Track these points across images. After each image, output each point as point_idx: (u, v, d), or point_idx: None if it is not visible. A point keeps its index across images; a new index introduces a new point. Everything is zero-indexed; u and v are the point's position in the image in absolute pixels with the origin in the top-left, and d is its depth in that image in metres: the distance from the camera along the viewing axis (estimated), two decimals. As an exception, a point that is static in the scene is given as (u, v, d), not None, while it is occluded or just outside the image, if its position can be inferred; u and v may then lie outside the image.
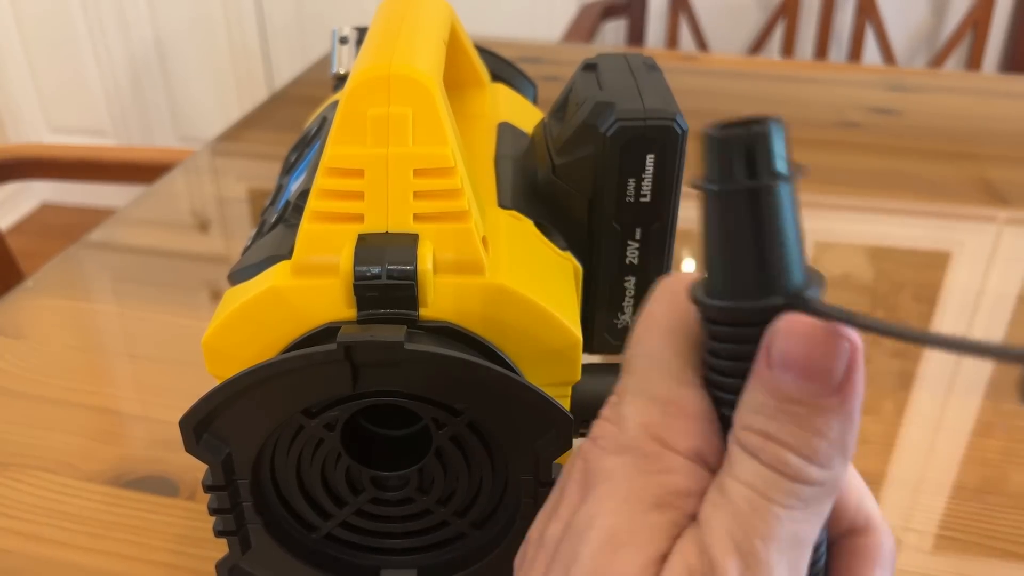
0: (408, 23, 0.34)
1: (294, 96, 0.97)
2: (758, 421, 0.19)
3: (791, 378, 0.18)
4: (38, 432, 0.49)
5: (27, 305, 0.60)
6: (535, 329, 0.29)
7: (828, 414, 0.18)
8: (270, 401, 0.28)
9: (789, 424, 0.18)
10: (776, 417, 0.18)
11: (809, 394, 0.18)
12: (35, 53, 2.06)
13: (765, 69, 1.04)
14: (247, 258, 0.32)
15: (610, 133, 0.32)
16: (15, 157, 0.91)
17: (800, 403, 0.18)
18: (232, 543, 0.32)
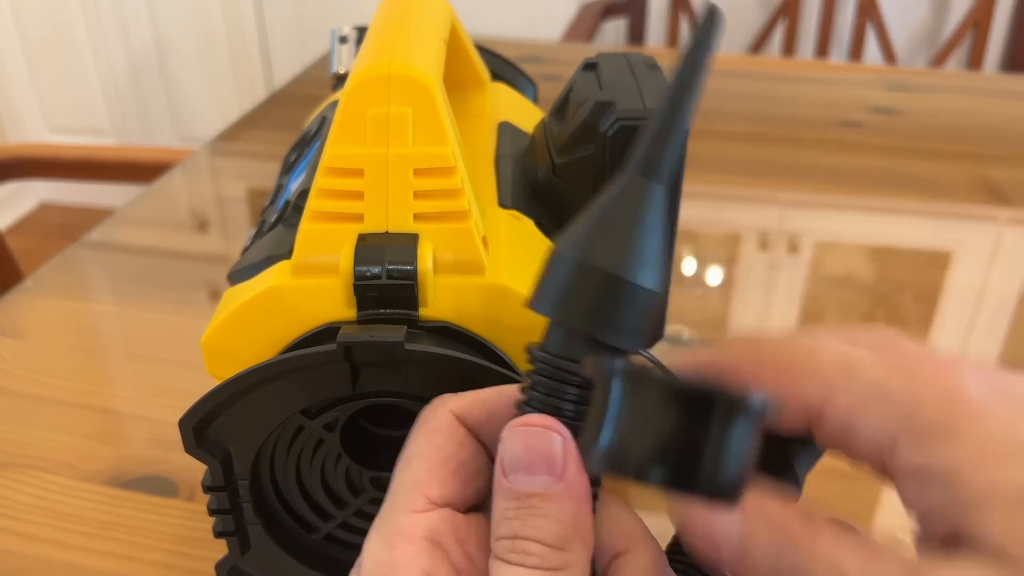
0: (408, 23, 0.34)
1: (294, 96, 0.97)
2: (504, 527, 0.20)
3: (520, 476, 0.20)
4: (37, 432, 0.49)
5: (26, 305, 0.60)
6: (535, 329, 0.29)
7: (559, 500, 0.20)
8: (270, 401, 0.28)
9: (528, 518, 0.20)
10: (518, 516, 0.20)
11: (539, 486, 0.20)
12: (35, 53, 2.06)
13: (765, 69, 1.04)
14: (247, 258, 0.32)
15: (610, 133, 0.32)
16: (14, 157, 0.91)
17: (533, 495, 0.20)
18: (232, 544, 0.32)
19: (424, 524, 0.22)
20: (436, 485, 0.22)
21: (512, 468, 0.20)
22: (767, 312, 0.60)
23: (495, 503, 0.21)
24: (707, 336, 0.56)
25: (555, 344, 0.21)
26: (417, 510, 0.22)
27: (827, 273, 0.64)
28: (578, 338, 0.21)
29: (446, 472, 0.22)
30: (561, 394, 0.21)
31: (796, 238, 0.68)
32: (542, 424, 0.21)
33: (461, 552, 0.22)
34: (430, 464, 0.22)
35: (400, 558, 0.21)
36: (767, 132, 0.85)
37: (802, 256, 0.66)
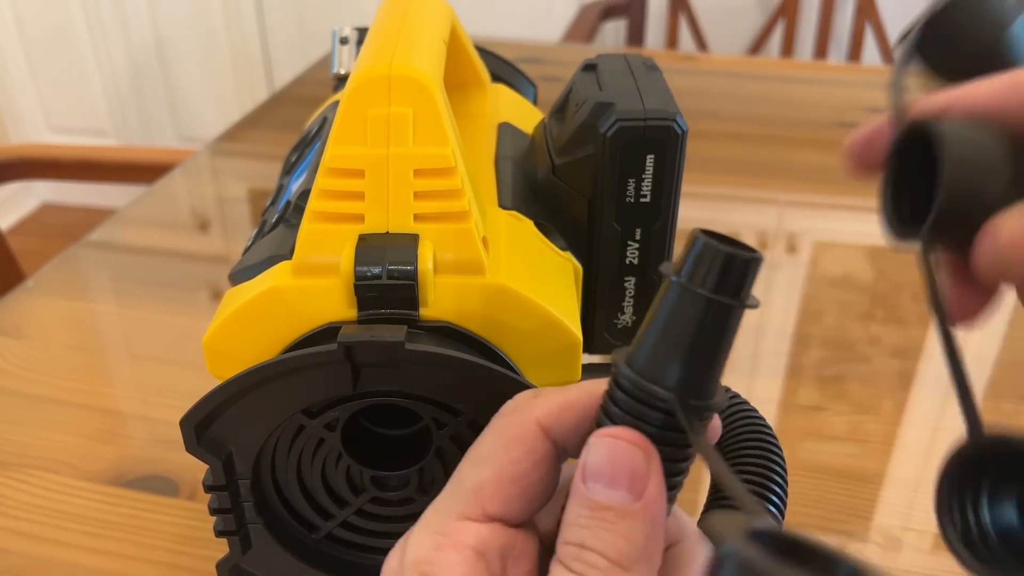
0: (408, 23, 0.34)
1: (294, 96, 0.97)
2: (573, 533, 0.20)
3: (600, 487, 0.20)
4: (38, 432, 0.49)
5: (27, 305, 0.60)
6: (535, 329, 0.29)
7: (632, 519, 0.20)
8: (271, 401, 0.28)
9: (599, 530, 0.20)
10: (588, 526, 0.20)
11: (616, 501, 0.20)
12: (35, 53, 2.06)
13: (765, 70, 1.04)
14: (248, 258, 0.32)
15: (610, 133, 0.32)
16: (15, 157, 0.91)
17: (608, 509, 0.20)
18: (233, 543, 0.32)
19: (475, 534, 0.21)
20: (499, 501, 0.22)
21: (592, 477, 0.20)
22: (766, 312, 0.60)
23: (569, 505, 0.21)
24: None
25: (643, 361, 0.21)
26: (472, 518, 0.22)
27: (825, 273, 0.64)
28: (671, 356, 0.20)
29: (513, 491, 0.22)
30: (644, 416, 0.21)
31: (795, 238, 0.68)
32: (631, 440, 0.20)
33: (502, 567, 0.22)
34: (499, 477, 0.22)
35: (443, 561, 0.21)
36: (766, 132, 0.85)
37: (801, 256, 0.66)
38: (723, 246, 0.19)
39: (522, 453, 0.22)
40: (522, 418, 0.23)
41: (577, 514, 0.20)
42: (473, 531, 0.21)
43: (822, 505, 0.44)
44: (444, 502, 0.22)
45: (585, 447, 0.21)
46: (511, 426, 0.23)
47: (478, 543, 0.21)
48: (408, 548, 0.22)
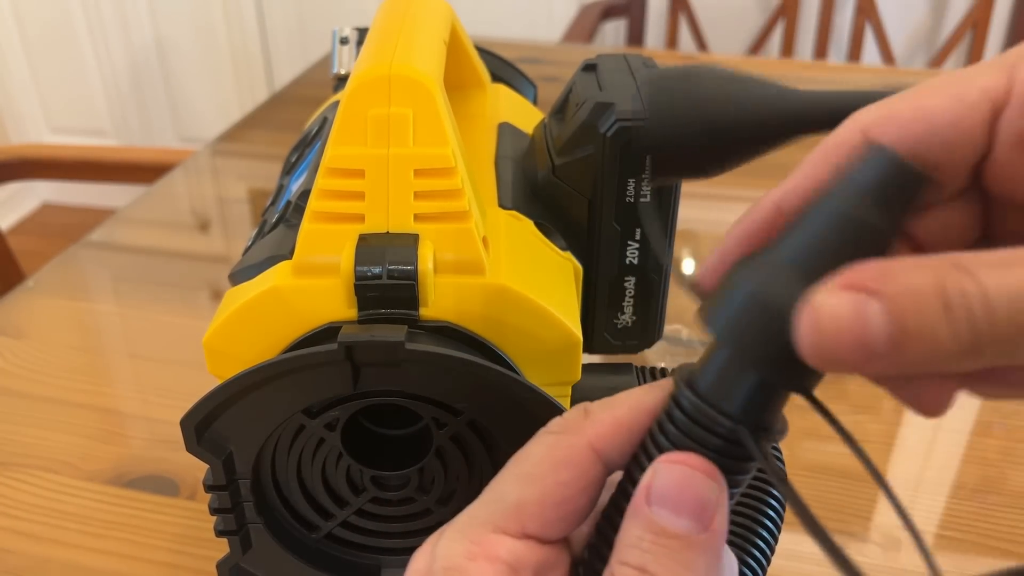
0: (408, 23, 0.34)
1: (294, 96, 0.97)
2: (634, 555, 0.20)
3: (666, 513, 0.19)
4: (38, 432, 0.49)
5: (27, 305, 0.60)
6: (535, 329, 0.29)
7: (697, 549, 0.20)
8: (271, 401, 0.28)
9: (662, 556, 0.19)
10: (651, 551, 0.19)
11: (683, 529, 0.19)
12: (36, 53, 2.06)
13: (765, 69, 1.04)
14: (248, 258, 0.32)
15: (610, 133, 0.32)
16: (16, 157, 0.91)
17: (674, 537, 0.19)
18: (233, 543, 0.32)
19: (510, 549, 0.21)
20: (539, 523, 0.21)
21: (659, 502, 0.20)
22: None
23: (629, 525, 0.20)
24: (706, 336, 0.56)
25: (708, 384, 0.20)
26: (509, 533, 0.21)
27: (826, 273, 0.64)
28: (738, 381, 0.20)
29: (556, 515, 0.21)
30: (704, 441, 0.20)
31: (795, 238, 0.68)
32: (702, 468, 0.20)
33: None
34: (543, 499, 0.21)
35: (475, 572, 0.21)
36: (767, 133, 0.85)
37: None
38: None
39: (571, 477, 0.21)
40: (574, 441, 0.22)
41: (639, 536, 0.20)
42: (508, 546, 0.21)
43: (822, 505, 0.44)
44: (481, 511, 0.22)
45: (650, 469, 0.20)
46: (562, 447, 0.22)
47: (512, 558, 0.21)
48: (438, 552, 0.21)
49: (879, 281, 0.17)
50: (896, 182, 0.18)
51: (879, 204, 0.18)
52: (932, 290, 0.16)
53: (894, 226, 0.18)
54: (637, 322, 0.36)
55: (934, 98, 0.19)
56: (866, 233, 0.18)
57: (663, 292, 0.36)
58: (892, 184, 0.18)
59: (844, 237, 0.18)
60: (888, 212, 0.18)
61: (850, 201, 0.18)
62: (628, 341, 0.36)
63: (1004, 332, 0.16)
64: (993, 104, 0.18)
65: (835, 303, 0.17)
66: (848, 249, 0.18)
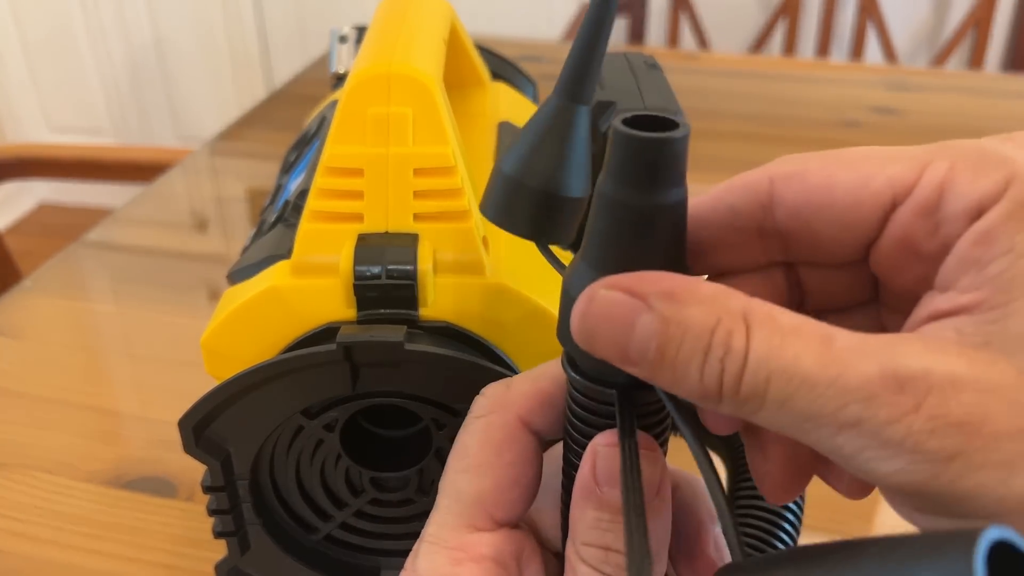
0: (408, 22, 0.34)
1: (293, 95, 0.97)
2: (594, 536, 0.20)
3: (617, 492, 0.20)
4: (36, 432, 0.49)
5: (26, 305, 0.60)
6: (535, 329, 0.29)
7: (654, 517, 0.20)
8: (269, 401, 0.28)
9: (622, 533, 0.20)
10: (611, 528, 0.20)
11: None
12: (34, 53, 2.05)
13: (766, 68, 1.04)
14: (246, 258, 0.32)
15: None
16: (14, 156, 0.91)
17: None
18: (231, 544, 0.32)
19: (491, 544, 0.21)
20: (504, 507, 0.22)
21: (608, 482, 0.20)
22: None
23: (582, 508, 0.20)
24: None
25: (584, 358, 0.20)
26: (482, 528, 0.21)
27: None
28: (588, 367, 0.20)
29: (516, 494, 0.22)
30: (605, 414, 0.21)
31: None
32: (644, 445, 0.20)
33: (519, 571, 0.22)
34: (499, 483, 0.22)
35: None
36: (767, 132, 0.85)
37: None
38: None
39: (515, 456, 0.22)
40: (505, 419, 0.22)
41: (596, 518, 0.20)
42: (487, 541, 0.21)
43: (822, 505, 0.44)
44: (446, 517, 0.22)
45: (590, 453, 0.20)
46: (495, 428, 0.22)
47: (495, 552, 0.21)
48: (420, 570, 0.21)
49: (663, 298, 0.17)
50: (636, 156, 0.18)
51: (626, 181, 0.18)
52: (701, 330, 0.17)
53: (651, 201, 0.18)
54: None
55: (844, 173, 0.19)
56: (624, 212, 0.18)
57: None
58: (632, 159, 0.18)
59: (610, 221, 0.19)
60: (638, 187, 0.18)
61: (603, 185, 0.19)
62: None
63: (747, 395, 0.17)
64: (895, 197, 0.18)
65: (610, 296, 0.18)
66: (617, 230, 0.19)
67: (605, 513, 0.20)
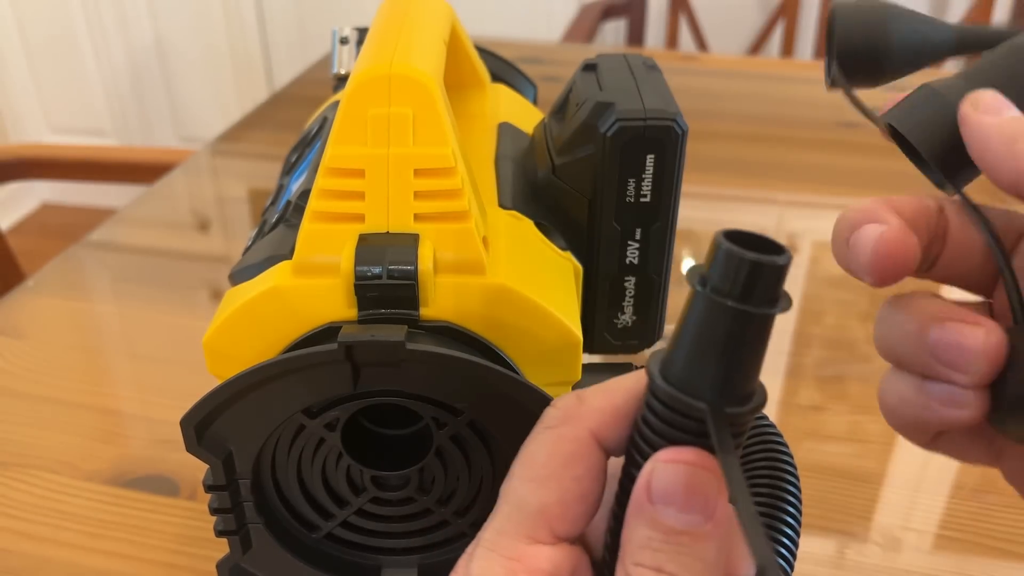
0: (408, 23, 0.34)
1: (294, 96, 0.97)
2: (647, 556, 0.20)
3: (673, 512, 0.19)
4: (38, 432, 0.49)
5: (27, 305, 0.60)
6: (535, 329, 0.29)
7: (707, 540, 0.20)
8: (271, 401, 0.28)
9: (677, 555, 0.20)
10: (663, 549, 0.20)
11: (691, 526, 0.20)
12: (36, 54, 2.06)
13: (765, 69, 1.04)
14: (248, 258, 0.32)
15: (610, 133, 0.32)
16: (15, 157, 0.91)
17: (684, 534, 0.20)
18: (233, 543, 0.32)
19: (549, 558, 0.21)
20: (566, 522, 0.21)
21: (664, 500, 0.20)
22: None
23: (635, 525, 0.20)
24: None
25: (678, 368, 0.20)
26: (541, 541, 0.21)
27: (825, 273, 0.64)
28: (706, 360, 0.20)
29: (580, 510, 0.21)
30: (685, 428, 0.20)
31: (795, 238, 0.68)
32: (701, 463, 0.20)
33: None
34: (564, 497, 0.21)
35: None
36: (766, 132, 0.85)
37: (801, 256, 0.66)
38: (749, 253, 0.18)
39: (584, 471, 0.21)
40: (576, 432, 0.22)
41: (648, 536, 0.20)
42: (546, 555, 0.21)
43: (822, 505, 0.44)
44: (506, 524, 0.21)
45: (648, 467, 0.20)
46: (566, 441, 0.22)
47: (552, 567, 0.21)
48: (473, 573, 0.21)
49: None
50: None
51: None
52: None
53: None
54: (637, 322, 0.36)
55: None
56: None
57: (663, 292, 0.36)
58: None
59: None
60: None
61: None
62: (628, 341, 0.36)
63: None
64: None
65: (992, 99, 0.22)
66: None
67: (657, 532, 0.20)
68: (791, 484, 0.29)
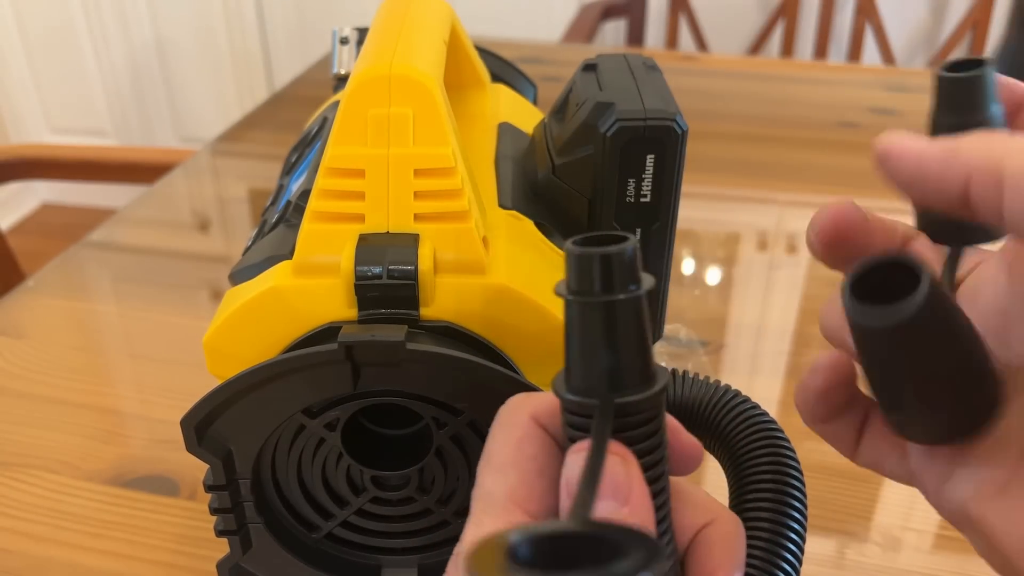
0: (408, 23, 0.34)
1: (295, 96, 0.97)
2: None
3: (604, 504, 0.20)
4: (39, 432, 0.49)
5: (28, 305, 0.60)
6: (535, 329, 0.29)
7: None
8: (271, 401, 0.28)
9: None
10: None
11: (604, 511, 0.20)
12: (36, 54, 2.06)
13: (765, 69, 1.04)
14: (248, 258, 0.32)
15: (610, 133, 0.32)
16: (16, 157, 0.91)
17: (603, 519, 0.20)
18: (233, 543, 0.32)
19: None
20: (535, 499, 0.22)
21: (573, 489, 0.20)
22: (766, 312, 0.60)
23: (563, 519, 0.20)
24: (706, 336, 0.56)
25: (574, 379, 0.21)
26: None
27: (825, 273, 0.64)
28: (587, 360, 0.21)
29: (543, 485, 0.22)
30: (584, 427, 0.21)
31: (795, 238, 0.68)
32: (615, 451, 0.20)
33: None
34: (525, 476, 0.22)
35: None
36: (766, 132, 0.85)
37: (801, 256, 0.66)
38: (594, 249, 0.20)
39: (535, 449, 0.22)
40: (520, 418, 0.23)
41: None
42: None
43: (822, 505, 0.44)
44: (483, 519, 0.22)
45: (565, 464, 0.21)
46: (512, 427, 0.23)
47: None
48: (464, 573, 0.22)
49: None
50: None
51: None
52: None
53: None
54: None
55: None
56: None
57: (663, 292, 0.36)
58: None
59: None
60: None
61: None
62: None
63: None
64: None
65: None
66: None
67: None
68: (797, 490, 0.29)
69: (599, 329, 0.20)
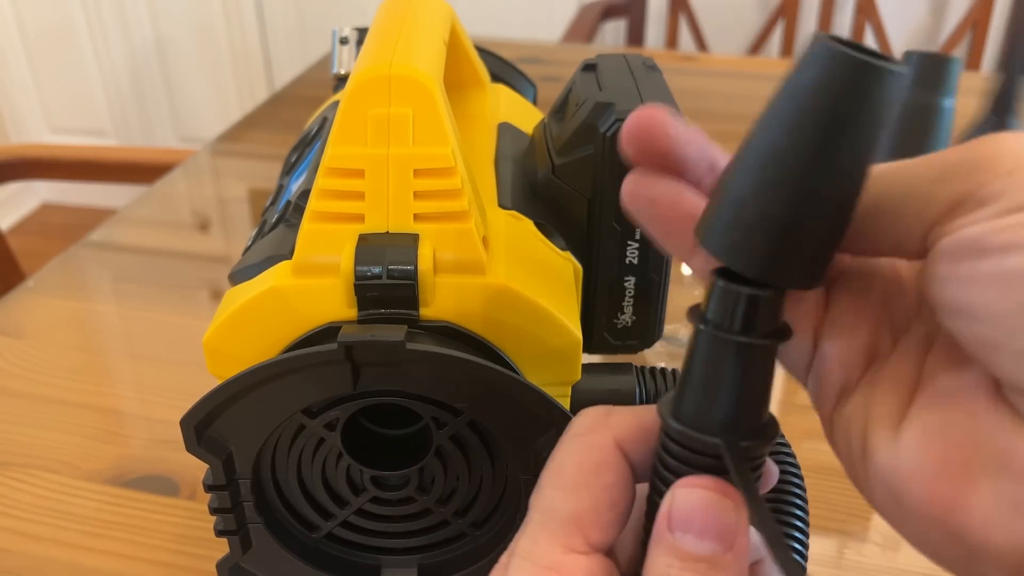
0: (408, 23, 0.34)
1: (294, 96, 0.97)
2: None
3: (692, 539, 0.20)
4: (39, 432, 0.49)
5: (28, 305, 0.60)
6: (535, 329, 0.29)
7: (724, 570, 0.20)
8: (271, 401, 0.28)
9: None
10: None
11: (708, 552, 0.20)
12: (36, 54, 2.06)
13: (765, 69, 1.04)
14: (248, 258, 0.32)
15: (610, 133, 0.32)
16: (16, 157, 0.91)
17: (701, 560, 0.20)
18: (233, 542, 0.32)
19: (585, 568, 0.21)
20: (600, 530, 0.21)
21: (682, 527, 0.20)
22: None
23: (655, 551, 0.20)
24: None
25: (688, 408, 0.20)
26: (577, 551, 0.21)
27: (826, 273, 0.64)
28: (715, 397, 0.20)
29: (612, 517, 0.21)
30: (698, 465, 0.20)
31: (795, 238, 0.68)
32: (719, 490, 0.20)
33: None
34: (597, 505, 0.21)
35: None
36: (767, 133, 0.85)
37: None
38: (744, 288, 0.19)
39: (613, 478, 0.21)
40: (603, 440, 0.22)
41: (667, 563, 0.20)
42: (584, 565, 0.21)
43: (822, 505, 0.44)
44: (540, 533, 0.21)
45: (668, 495, 0.20)
46: (593, 449, 0.22)
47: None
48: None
49: None
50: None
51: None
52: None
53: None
54: (637, 322, 0.36)
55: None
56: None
57: (663, 292, 0.36)
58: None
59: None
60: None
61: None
62: (628, 341, 0.36)
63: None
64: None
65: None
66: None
67: (676, 560, 0.20)
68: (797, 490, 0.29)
69: (732, 369, 0.19)
